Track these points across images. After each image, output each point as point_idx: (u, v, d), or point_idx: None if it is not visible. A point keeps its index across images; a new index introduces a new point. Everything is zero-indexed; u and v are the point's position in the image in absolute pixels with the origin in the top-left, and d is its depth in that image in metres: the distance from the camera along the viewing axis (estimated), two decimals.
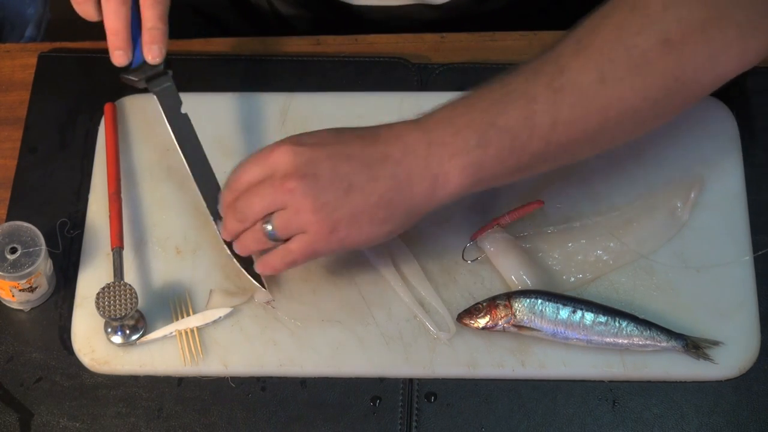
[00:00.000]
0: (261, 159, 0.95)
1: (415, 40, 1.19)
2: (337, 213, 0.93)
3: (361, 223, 0.93)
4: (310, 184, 0.92)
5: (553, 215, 1.07)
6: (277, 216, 0.94)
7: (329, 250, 0.96)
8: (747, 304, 1.03)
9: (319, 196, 0.92)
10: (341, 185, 0.92)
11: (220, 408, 1.00)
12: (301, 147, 0.94)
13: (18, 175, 1.12)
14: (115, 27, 1.02)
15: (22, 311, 1.05)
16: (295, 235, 0.95)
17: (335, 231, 0.93)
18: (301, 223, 0.93)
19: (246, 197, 0.95)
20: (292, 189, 0.93)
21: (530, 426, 0.99)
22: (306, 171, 0.93)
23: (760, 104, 1.13)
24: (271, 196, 0.94)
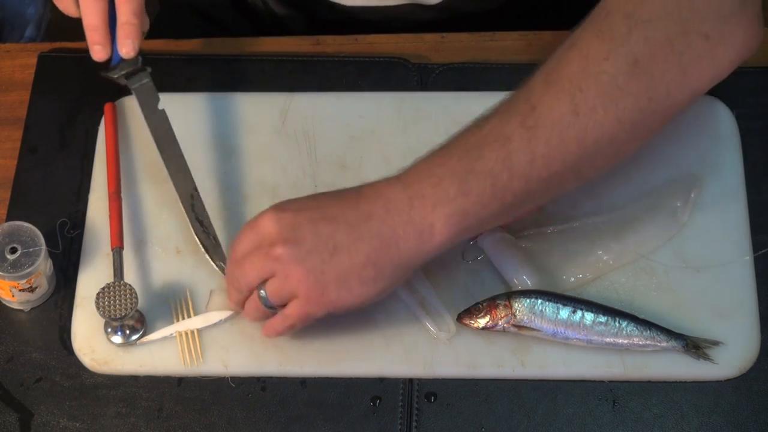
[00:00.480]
0: (250, 228, 0.96)
1: (415, 40, 1.19)
2: (324, 276, 0.93)
3: (351, 284, 0.94)
4: (295, 250, 0.93)
5: (553, 215, 1.07)
6: (269, 284, 0.95)
7: (323, 312, 0.95)
8: (747, 304, 1.03)
9: (305, 261, 0.93)
10: (326, 248, 0.93)
11: (220, 408, 1.00)
12: (283, 213, 0.95)
13: (18, 175, 1.12)
14: (92, 23, 1.03)
15: (22, 311, 1.05)
16: (290, 300, 0.95)
17: (325, 294, 0.94)
18: (292, 288, 0.94)
19: (239, 267, 0.96)
20: (278, 256, 0.93)
21: (530, 426, 0.99)
22: (289, 237, 0.93)
23: (760, 104, 1.13)
24: (261, 264, 0.95)
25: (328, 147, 1.12)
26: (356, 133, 1.12)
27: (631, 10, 0.93)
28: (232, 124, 1.13)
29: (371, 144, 1.12)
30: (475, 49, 1.18)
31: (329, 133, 1.12)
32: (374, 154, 1.11)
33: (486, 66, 1.16)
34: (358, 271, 0.93)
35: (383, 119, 1.13)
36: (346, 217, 0.93)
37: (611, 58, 0.92)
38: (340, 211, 0.94)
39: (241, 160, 1.11)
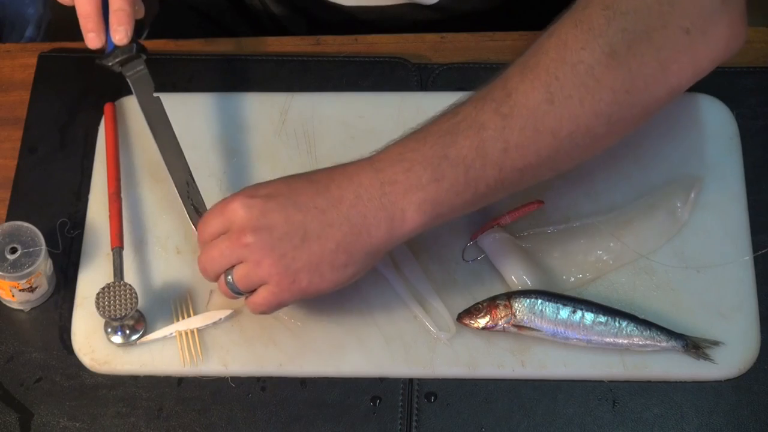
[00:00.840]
0: (219, 212, 0.95)
1: (415, 40, 1.19)
2: (296, 263, 0.92)
3: (323, 271, 0.93)
4: (265, 237, 0.92)
5: (553, 215, 1.07)
6: (237, 270, 0.94)
7: (293, 299, 0.95)
8: (747, 304, 1.03)
9: (275, 248, 0.92)
10: (296, 235, 0.92)
11: (220, 408, 1.00)
12: (252, 200, 0.93)
13: (18, 175, 1.12)
14: (85, 10, 1.04)
15: (22, 311, 1.05)
16: (258, 286, 0.94)
17: (296, 281, 0.93)
18: (262, 275, 0.93)
19: (207, 251, 0.96)
20: (248, 243, 0.92)
21: (530, 426, 0.99)
22: (259, 224, 0.92)
23: (760, 104, 1.13)
24: (229, 250, 0.94)
25: (328, 147, 1.12)
26: (356, 133, 1.12)
27: (610, 2, 0.92)
28: (232, 124, 1.13)
29: (371, 144, 1.11)
30: (475, 49, 1.18)
31: (329, 133, 1.12)
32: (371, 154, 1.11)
33: (486, 66, 1.16)
34: (330, 257, 0.92)
35: (383, 119, 1.13)
36: (316, 203, 0.92)
37: (588, 48, 0.91)
38: (311, 196, 0.93)
39: (241, 160, 1.11)
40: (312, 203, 0.92)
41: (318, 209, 0.92)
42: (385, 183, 0.92)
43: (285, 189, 0.94)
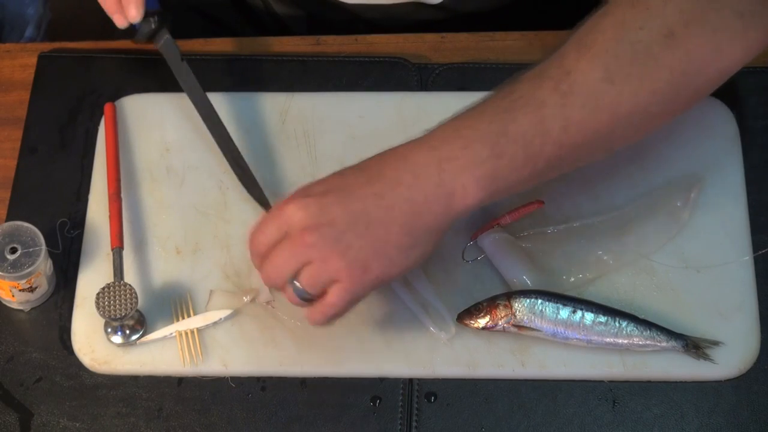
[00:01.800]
0: (273, 219, 0.93)
1: (415, 40, 1.19)
2: (363, 252, 0.90)
3: (391, 255, 0.91)
4: (329, 232, 0.90)
5: (553, 215, 1.07)
6: (304, 273, 0.91)
7: (367, 290, 0.93)
8: (747, 304, 1.03)
9: (340, 241, 0.90)
10: (359, 224, 0.90)
11: (220, 408, 1.00)
12: (308, 198, 0.91)
13: (18, 175, 1.12)
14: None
15: (22, 311, 1.05)
16: (328, 287, 0.92)
17: (368, 270, 0.91)
18: (331, 272, 0.91)
19: (270, 261, 0.93)
20: (312, 242, 0.90)
21: (530, 426, 0.99)
22: (320, 220, 0.90)
23: (760, 104, 1.13)
24: (293, 255, 0.91)
25: (328, 147, 1.12)
26: (356, 133, 1.12)
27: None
28: (232, 124, 1.12)
29: (371, 144, 1.11)
30: (475, 49, 1.18)
31: (329, 133, 1.12)
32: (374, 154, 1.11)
33: (486, 66, 1.16)
34: (396, 240, 0.91)
35: (383, 119, 1.13)
36: (374, 189, 0.91)
37: (646, 28, 0.91)
38: (366, 184, 0.92)
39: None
40: (369, 190, 0.91)
41: (376, 195, 0.91)
42: (443, 160, 0.91)
43: (338, 182, 0.93)
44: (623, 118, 0.93)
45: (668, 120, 0.97)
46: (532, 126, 0.91)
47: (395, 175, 0.91)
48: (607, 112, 0.92)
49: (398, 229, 0.91)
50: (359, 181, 0.92)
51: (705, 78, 0.95)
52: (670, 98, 0.94)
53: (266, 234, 0.93)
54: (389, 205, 0.91)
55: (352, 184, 0.92)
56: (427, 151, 0.92)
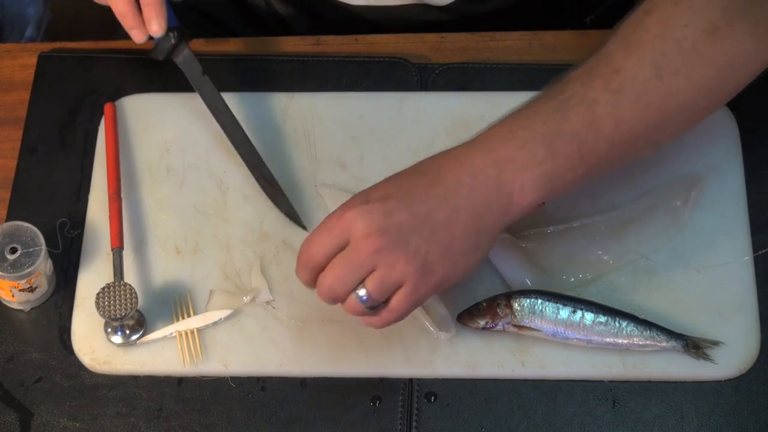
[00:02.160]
0: (330, 228, 0.91)
1: (415, 40, 1.19)
2: (430, 256, 0.90)
3: (455, 259, 0.92)
4: (395, 237, 0.90)
5: (553, 215, 1.07)
6: (370, 280, 0.90)
7: (429, 294, 0.93)
8: (747, 304, 1.03)
9: (408, 245, 0.90)
10: (425, 227, 0.90)
11: (220, 408, 1.00)
12: (369, 205, 0.91)
13: (18, 175, 1.12)
14: (121, 9, 1.05)
15: (22, 311, 1.05)
16: (394, 291, 0.91)
17: (433, 273, 0.91)
18: (397, 277, 0.90)
19: (330, 272, 0.91)
20: (378, 248, 0.89)
21: (530, 426, 0.99)
22: (385, 226, 0.90)
23: (760, 104, 1.13)
24: (359, 262, 0.90)
25: (328, 147, 1.12)
26: (356, 133, 1.12)
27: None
28: None
29: (371, 144, 1.12)
30: (475, 49, 1.18)
31: (329, 133, 1.12)
32: (374, 154, 1.11)
33: (486, 66, 1.16)
34: (460, 243, 0.91)
35: (383, 119, 1.13)
36: (436, 192, 0.91)
37: (691, 25, 0.94)
38: (427, 187, 0.92)
39: (241, 160, 1.11)
40: (431, 193, 0.91)
41: (438, 198, 0.91)
42: (500, 161, 0.92)
43: (398, 187, 0.92)
44: (672, 114, 0.95)
45: (711, 113, 0.99)
46: (585, 125, 0.92)
47: (454, 177, 0.92)
48: (656, 108, 0.94)
49: (462, 231, 0.91)
50: (420, 185, 0.92)
51: (747, 71, 0.97)
52: (715, 92, 0.97)
53: (324, 245, 0.91)
54: (453, 208, 0.91)
55: (413, 188, 0.92)
56: (484, 154, 0.92)
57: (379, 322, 0.93)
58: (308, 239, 0.92)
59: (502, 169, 0.91)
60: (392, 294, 0.91)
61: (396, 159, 1.06)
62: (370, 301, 0.91)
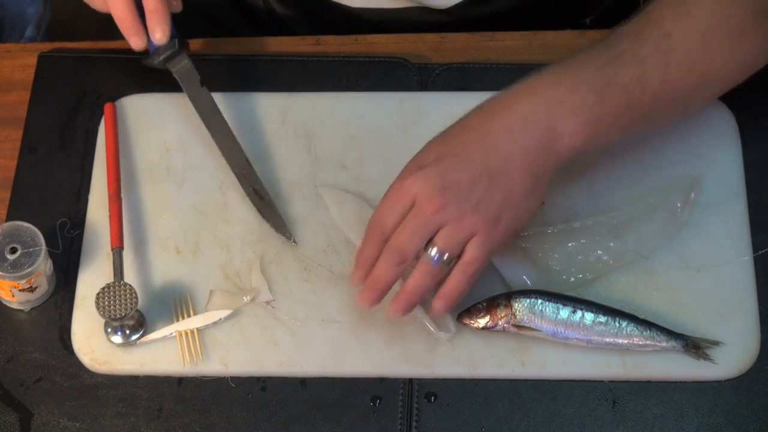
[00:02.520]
0: (393, 199, 0.95)
1: (415, 40, 1.19)
2: (494, 204, 0.94)
3: (518, 202, 0.95)
4: (456, 193, 0.93)
5: (553, 215, 1.07)
6: (440, 236, 0.94)
7: (502, 242, 0.97)
8: (747, 304, 1.03)
9: (470, 198, 0.93)
10: (483, 178, 0.94)
11: (220, 408, 1.00)
12: (424, 169, 0.94)
13: (18, 175, 1.12)
14: (120, 15, 1.06)
15: (22, 311, 1.05)
16: (464, 246, 0.95)
17: (500, 220, 0.94)
18: (466, 229, 0.94)
19: (399, 235, 0.94)
20: (443, 205, 0.93)
21: (530, 426, 0.99)
22: (445, 183, 0.93)
23: (760, 104, 1.13)
24: (424, 222, 0.94)
25: (328, 147, 1.12)
26: (356, 133, 1.12)
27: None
28: (232, 123, 1.12)
29: (371, 144, 1.12)
30: (475, 49, 1.18)
31: (329, 133, 1.12)
32: (374, 154, 1.11)
33: (486, 66, 1.16)
34: (520, 187, 0.95)
35: (383, 119, 1.13)
36: (488, 143, 0.95)
37: (738, 5, 0.99)
38: (478, 139, 0.95)
39: None
40: (483, 144, 0.95)
41: (491, 148, 0.94)
42: (550, 103, 0.95)
43: (449, 146, 0.96)
44: (711, 82, 1.01)
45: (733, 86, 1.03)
46: (633, 79, 0.96)
47: (503, 124, 0.95)
48: (699, 74, 0.99)
49: (519, 175, 0.95)
50: (469, 139, 0.95)
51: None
52: (746, 71, 1.02)
53: (391, 214, 0.95)
54: (506, 155, 0.94)
55: (463, 144, 0.95)
56: (533, 97, 0.96)
57: (460, 277, 0.96)
58: (375, 214, 0.97)
59: (552, 111, 0.95)
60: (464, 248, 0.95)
61: (396, 159, 1.06)
62: (442, 258, 0.94)
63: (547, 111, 0.95)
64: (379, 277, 0.96)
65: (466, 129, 0.96)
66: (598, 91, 0.95)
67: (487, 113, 0.96)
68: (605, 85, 0.96)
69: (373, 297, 0.98)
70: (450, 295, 0.97)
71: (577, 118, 0.95)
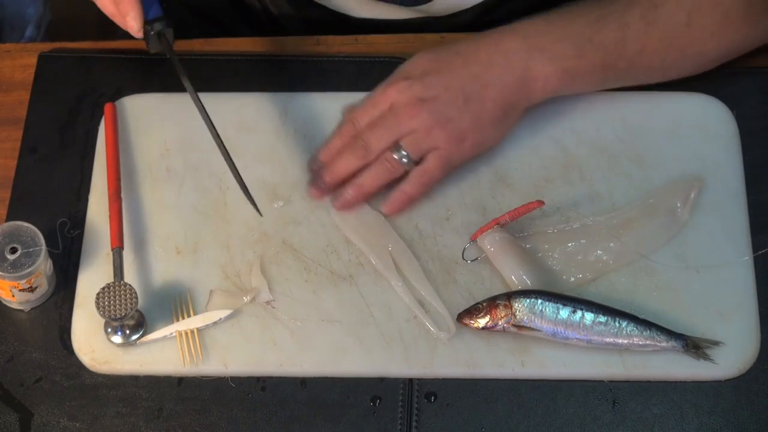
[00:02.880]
0: (375, 100, 1.05)
1: (415, 40, 1.19)
2: (462, 123, 1.03)
3: (485, 127, 1.04)
4: (432, 106, 1.03)
5: (553, 215, 1.07)
6: (407, 140, 1.03)
7: (462, 158, 1.05)
8: (747, 304, 1.03)
9: (443, 113, 1.03)
10: (458, 99, 1.03)
11: (220, 408, 1.00)
12: (409, 80, 1.04)
13: (18, 175, 1.12)
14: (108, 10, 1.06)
15: (22, 311, 1.05)
16: (426, 155, 1.03)
17: (465, 140, 1.03)
18: (433, 141, 1.03)
19: (370, 132, 1.04)
20: (416, 113, 1.02)
21: (530, 426, 0.99)
22: (424, 95, 1.03)
23: (760, 104, 1.13)
24: (398, 125, 1.03)
25: None
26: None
27: None
28: (232, 124, 1.13)
29: None
30: None
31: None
32: None
33: None
34: (489, 114, 1.04)
35: None
36: (470, 70, 1.04)
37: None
38: (463, 65, 1.04)
39: (241, 160, 1.11)
40: (466, 71, 1.04)
41: (472, 74, 1.04)
42: (533, 48, 1.04)
43: (435, 64, 1.05)
44: (688, 58, 1.07)
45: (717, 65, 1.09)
46: (614, 41, 1.04)
47: (488, 58, 1.04)
48: (677, 49, 1.06)
49: (491, 104, 1.03)
50: (456, 62, 1.05)
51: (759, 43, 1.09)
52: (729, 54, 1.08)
53: (368, 113, 1.05)
54: (484, 84, 1.03)
55: (449, 65, 1.04)
56: (520, 39, 1.04)
57: (417, 182, 1.04)
58: (353, 110, 1.06)
59: (533, 56, 1.03)
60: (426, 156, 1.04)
61: None
62: (402, 159, 1.03)
63: (529, 55, 1.03)
64: (340, 166, 1.05)
65: (455, 54, 1.05)
66: (578, 46, 1.03)
67: (476, 44, 1.05)
68: (586, 42, 1.03)
69: (326, 186, 1.06)
70: (402, 197, 1.05)
71: (553, 66, 1.03)
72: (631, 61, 1.05)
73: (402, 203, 1.06)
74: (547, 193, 1.07)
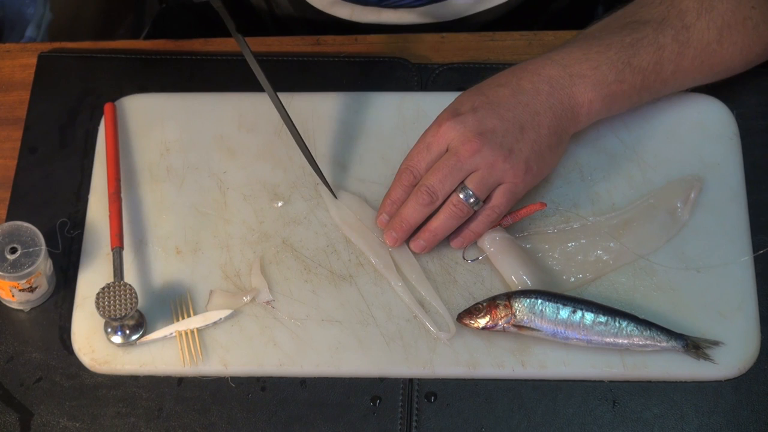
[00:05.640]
0: (428, 142, 1.03)
1: (415, 40, 1.19)
2: (523, 153, 1.02)
3: (544, 154, 1.03)
4: (491, 140, 1.01)
5: (553, 215, 1.07)
6: (471, 179, 1.01)
7: (525, 189, 1.04)
8: (747, 304, 1.03)
9: (503, 145, 1.01)
10: (515, 129, 1.02)
11: (220, 408, 1.00)
12: (461, 116, 1.02)
13: (18, 175, 1.12)
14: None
15: (22, 311, 1.05)
16: (492, 191, 1.02)
17: (528, 170, 1.02)
18: (497, 175, 1.01)
19: (432, 176, 1.01)
20: (477, 149, 1.00)
21: (530, 426, 0.99)
22: (480, 130, 1.01)
23: (760, 104, 1.13)
24: (459, 165, 1.01)
25: (328, 147, 1.12)
26: (356, 133, 1.12)
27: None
28: (232, 124, 1.13)
29: (371, 144, 1.12)
30: (475, 49, 1.18)
31: (329, 133, 1.12)
32: (374, 153, 1.11)
33: (486, 66, 1.16)
34: (546, 141, 1.03)
35: (383, 119, 1.13)
36: (519, 99, 1.03)
37: (758, 8, 1.07)
38: (510, 95, 1.03)
39: (241, 160, 1.11)
40: (515, 100, 1.03)
41: (522, 104, 1.03)
42: (575, 76, 1.04)
43: (483, 98, 1.03)
44: (717, 74, 1.09)
45: None
46: (650, 64, 1.05)
47: (533, 86, 1.04)
48: (708, 67, 1.07)
49: (546, 130, 1.03)
50: (503, 94, 1.03)
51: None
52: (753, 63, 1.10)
53: (424, 157, 1.03)
54: (536, 111, 1.03)
55: (497, 97, 1.03)
56: (559, 68, 1.04)
57: (484, 222, 1.03)
58: (409, 156, 1.04)
59: (575, 82, 1.04)
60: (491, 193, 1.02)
61: (396, 159, 1.06)
62: (470, 200, 1.01)
63: (572, 82, 1.03)
64: (407, 216, 1.03)
65: (498, 85, 1.04)
66: (618, 71, 1.04)
67: (517, 75, 1.04)
68: (625, 66, 1.04)
69: (398, 237, 1.04)
70: (471, 236, 1.04)
71: (596, 92, 1.04)
72: (665, 81, 1.06)
73: (471, 241, 1.05)
74: (547, 193, 1.07)
